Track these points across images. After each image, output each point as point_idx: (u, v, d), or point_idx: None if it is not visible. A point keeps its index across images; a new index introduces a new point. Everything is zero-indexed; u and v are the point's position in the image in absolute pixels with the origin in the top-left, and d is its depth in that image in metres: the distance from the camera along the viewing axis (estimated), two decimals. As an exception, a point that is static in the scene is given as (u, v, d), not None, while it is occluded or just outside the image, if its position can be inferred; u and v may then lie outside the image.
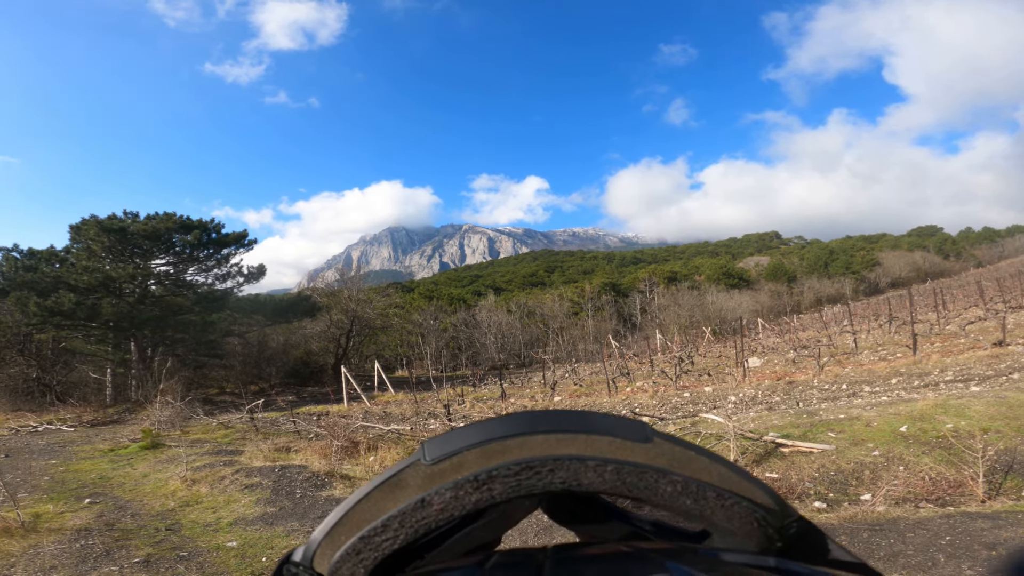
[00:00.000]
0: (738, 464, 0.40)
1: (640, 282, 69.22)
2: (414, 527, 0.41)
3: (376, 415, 14.72)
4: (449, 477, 0.41)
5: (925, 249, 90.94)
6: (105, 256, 24.19)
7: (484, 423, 0.43)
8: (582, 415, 0.43)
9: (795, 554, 0.42)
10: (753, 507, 0.42)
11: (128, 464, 9.79)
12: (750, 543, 0.42)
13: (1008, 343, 12.95)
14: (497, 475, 0.40)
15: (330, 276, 44.24)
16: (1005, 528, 4.02)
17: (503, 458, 0.41)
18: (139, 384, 22.28)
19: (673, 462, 0.41)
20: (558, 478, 0.40)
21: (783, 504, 0.43)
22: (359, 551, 0.42)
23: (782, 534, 0.42)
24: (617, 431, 0.42)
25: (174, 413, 14.99)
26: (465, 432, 0.43)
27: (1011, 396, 7.22)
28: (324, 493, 7.04)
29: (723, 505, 0.41)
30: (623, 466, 0.40)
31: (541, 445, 0.41)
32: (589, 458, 0.40)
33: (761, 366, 17.67)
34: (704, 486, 0.41)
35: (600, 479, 0.40)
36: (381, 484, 0.42)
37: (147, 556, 4.83)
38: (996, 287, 31.41)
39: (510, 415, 0.43)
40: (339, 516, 0.43)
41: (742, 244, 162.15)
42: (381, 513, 0.42)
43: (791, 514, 0.43)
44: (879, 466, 5.93)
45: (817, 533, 0.43)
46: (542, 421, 0.42)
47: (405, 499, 0.41)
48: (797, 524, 0.43)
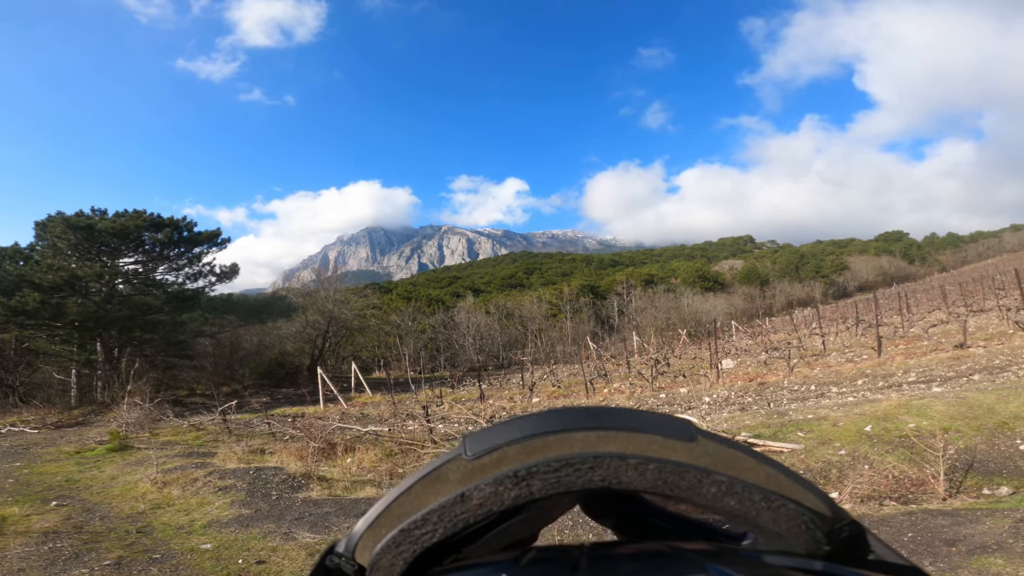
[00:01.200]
0: (788, 466, 0.42)
1: (618, 284, 69.84)
2: (453, 521, 0.41)
3: (353, 416, 14.58)
4: (489, 472, 0.41)
5: (891, 254, 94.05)
6: (71, 254, 23.45)
7: (525, 418, 0.43)
8: (626, 412, 0.43)
9: (843, 557, 0.41)
10: (802, 510, 0.41)
11: (95, 466, 9.53)
12: (796, 545, 0.41)
13: (969, 345, 13.46)
14: (537, 471, 0.40)
15: (306, 276, 43.65)
16: (964, 525, 4.14)
17: (543, 454, 0.41)
18: (106, 385, 21.62)
19: (718, 462, 0.41)
20: (598, 475, 0.40)
21: (835, 507, 0.42)
22: (399, 543, 0.42)
23: (831, 538, 0.41)
24: (660, 429, 0.41)
25: (142, 415, 14.61)
26: (506, 427, 0.43)
27: (971, 397, 7.45)
28: (301, 495, 6.96)
29: (769, 507, 0.40)
30: (665, 465, 0.40)
31: (582, 442, 0.41)
32: (630, 456, 0.40)
33: (734, 368, 18.05)
34: (750, 487, 0.40)
35: (641, 477, 0.40)
36: (423, 478, 0.43)
37: (118, 559, 4.73)
38: (959, 291, 32.57)
39: (552, 410, 0.43)
40: (381, 509, 0.43)
41: (717, 248, 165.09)
42: (421, 507, 0.42)
43: (843, 518, 0.42)
44: (845, 465, 6.13)
45: (868, 536, 0.42)
46: (584, 418, 0.42)
47: (445, 493, 0.41)
48: (849, 528, 0.42)
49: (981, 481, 5.49)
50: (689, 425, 0.42)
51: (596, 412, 0.42)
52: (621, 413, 0.42)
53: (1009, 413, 6.65)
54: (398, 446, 9.85)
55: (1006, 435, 6.24)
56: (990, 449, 6.04)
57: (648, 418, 0.42)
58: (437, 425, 11.67)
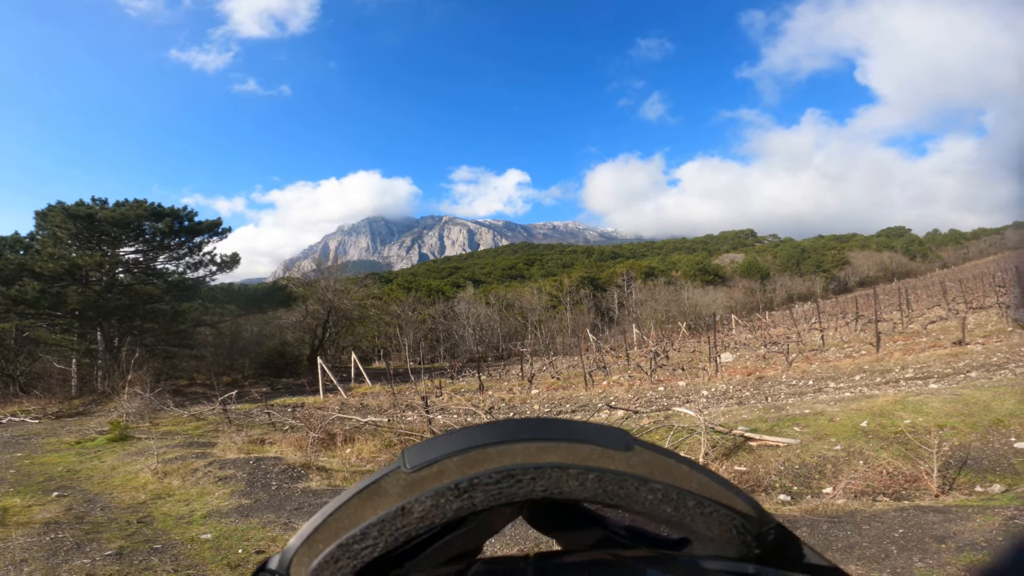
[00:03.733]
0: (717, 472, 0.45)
1: (618, 277, 69.83)
2: (394, 535, 0.41)
3: (353, 407, 14.66)
4: (429, 485, 0.41)
5: (893, 249, 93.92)
6: (71, 243, 23.46)
7: (465, 431, 0.43)
8: (563, 423, 0.43)
9: (773, 560, 0.43)
10: (732, 514, 0.42)
11: (96, 457, 9.58)
12: (729, 550, 0.43)
13: (967, 342, 13.49)
14: (478, 483, 0.40)
15: (306, 266, 43.61)
16: (955, 522, 4.16)
17: (484, 466, 0.41)
18: (106, 375, 21.68)
19: (654, 470, 0.42)
20: (540, 486, 0.41)
21: (761, 511, 0.44)
22: (337, 559, 0.41)
23: (760, 541, 0.43)
24: (598, 439, 0.42)
25: (143, 404, 14.67)
26: (446, 440, 0.43)
27: (967, 394, 7.45)
28: (300, 485, 7.02)
29: (703, 512, 0.42)
30: (604, 474, 0.41)
31: (522, 453, 0.41)
32: (571, 466, 0.41)
33: (733, 362, 18.11)
34: (684, 494, 0.41)
35: (582, 487, 0.41)
36: (360, 491, 0.42)
37: (119, 549, 4.78)
38: (959, 288, 32.51)
39: (491, 423, 0.44)
40: (317, 523, 0.43)
41: (718, 241, 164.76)
42: (360, 520, 0.41)
43: (769, 521, 0.44)
44: (840, 460, 6.17)
45: (793, 540, 0.44)
46: (523, 429, 0.42)
47: (385, 507, 0.41)
48: (775, 531, 0.44)
49: (974, 478, 5.52)
50: (625, 435, 0.43)
51: (536, 423, 0.43)
52: (560, 424, 0.43)
53: (1005, 411, 6.65)
54: (397, 437, 9.91)
55: (1001, 433, 6.26)
56: (984, 446, 6.06)
57: (586, 428, 0.43)
58: (436, 416, 11.73)
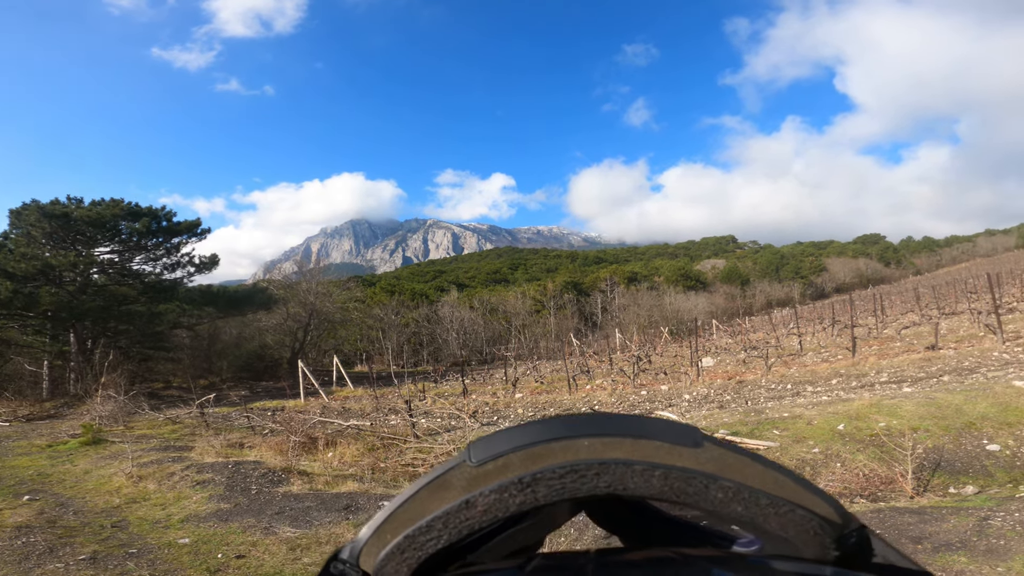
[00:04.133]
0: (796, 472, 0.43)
1: (602, 281, 70.26)
2: (458, 528, 0.41)
3: (335, 410, 14.50)
4: (494, 479, 0.41)
5: (869, 256, 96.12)
6: (46, 243, 22.91)
7: (530, 425, 0.43)
8: (631, 419, 0.42)
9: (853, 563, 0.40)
10: (809, 515, 0.40)
11: (68, 460, 9.34)
12: (805, 551, 0.41)
13: (940, 347, 13.85)
14: (542, 478, 0.40)
15: (288, 268, 43.07)
16: (930, 523, 4.23)
17: (548, 461, 0.40)
18: (79, 377, 21.17)
19: (724, 468, 0.40)
20: (603, 482, 0.40)
21: (844, 512, 0.42)
22: (404, 550, 0.42)
23: (840, 543, 0.41)
24: (666, 435, 0.41)
25: (117, 407, 14.32)
26: (511, 434, 0.42)
27: (940, 397, 7.60)
28: (281, 489, 6.92)
29: (777, 512, 0.40)
30: (671, 471, 0.40)
31: (587, 449, 0.40)
32: (636, 463, 0.40)
33: (714, 366, 18.34)
34: (756, 493, 0.40)
35: (647, 484, 0.40)
36: (427, 484, 0.43)
37: (93, 553, 4.67)
38: (932, 294, 33.35)
39: (557, 417, 0.43)
40: (386, 515, 0.43)
41: (700, 247, 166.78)
42: (426, 513, 0.42)
43: (852, 523, 0.41)
44: (819, 463, 6.29)
45: (879, 542, 0.42)
46: (589, 424, 0.42)
47: (450, 500, 0.41)
48: (858, 533, 0.41)
49: (948, 480, 5.65)
50: (695, 431, 0.42)
51: (602, 418, 0.42)
52: (627, 419, 0.42)
53: (976, 414, 6.82)
54: (380, 440, 9.83)
55: (973, 435, 6.42)
56: (957, 449, 6.21)
57: (654, 424, 0.42)
58: (420, 420, 11.66)
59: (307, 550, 4.75)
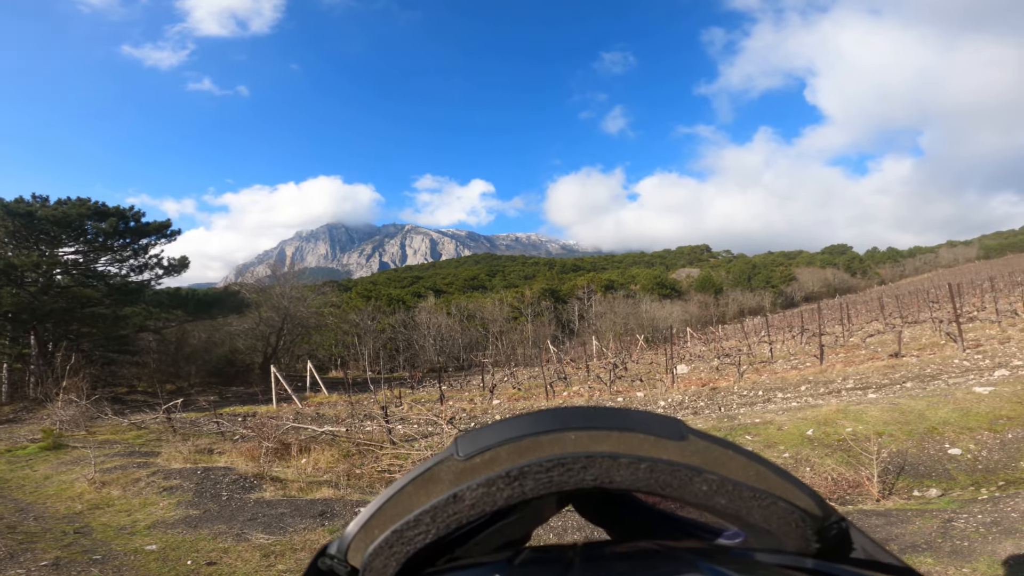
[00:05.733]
0: (778, 464, 0.45)
1: (579, 289, 70.71)
2: (446, 522, 0.41)
3: (308, 416, 14.23)
4: (481, 473, 0.41)
5: (836, 266, 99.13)
6: (8, 242, 22.09)
7: (517, 419, 0.43)
8: (617, 412, 0.43)
9: (834, 555, 0.41)
10: (791, 508, 0.41)
11: (27, 465, 9.00)
12: (787, 544, 0.42)
13: (903, 355, 14.30)
14: (529, 471, 0.40)
15: (261, 271, 42.24)
16: (896, 525, 4.32)
17: (536, 454, 0.41)
18: (39, 381, 20.34)
19: (708, 460, 0.41)
20: (590, 475, 0.40)
21: (825, 505, 0.42)
22: (392, 544, 0.42)
23: (822, 535, 0.41)
24: (651, 428, 0.42)
25: (78, 412, 13.80)
26: (498, 428, 0.43)
27: (903, 403, 7.80)
28: (254, 495, 6.75)
29: (760, 505, 0.41)
30: (656, 464, 0.40)
31: (574, 442, 0.41)
32: (622, 455, 0.40)
33: (688, 373, 18.61)
34: (740, 485, 0.41)
35: (633, 477, 0.40)
36: (415, 479, 0.43)
37: (55, 559, 4.49)
38: (896, 304, 34.49)
39: (544, 411, 0.43)
40: (373, 510, 0.44)
41: (675, 256, 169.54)
42: (414, 508, 0.42)
43: (832, 515, 0.42)
44: (789, 467, 6.38)
45: (859, 534, 0.43)
46: (576, 417, 0.42)
47: (438, 494, 0.42)
48: (839, 525, 0.42)
49: (912, 483, 5.80)
50: (680, 424, 0.42)
51: (588, 412, 0.43)
52: (613, 413, 0.43)
53: (938, 419, 7.02)
54: (356, 447, 9.69)
55: (935, 440, 6.60)
56: (920, 453, 6.38)
57: (639, 417, 0.43)
58: (396, 426, 11.54)
59: (281, 556, 4.64)
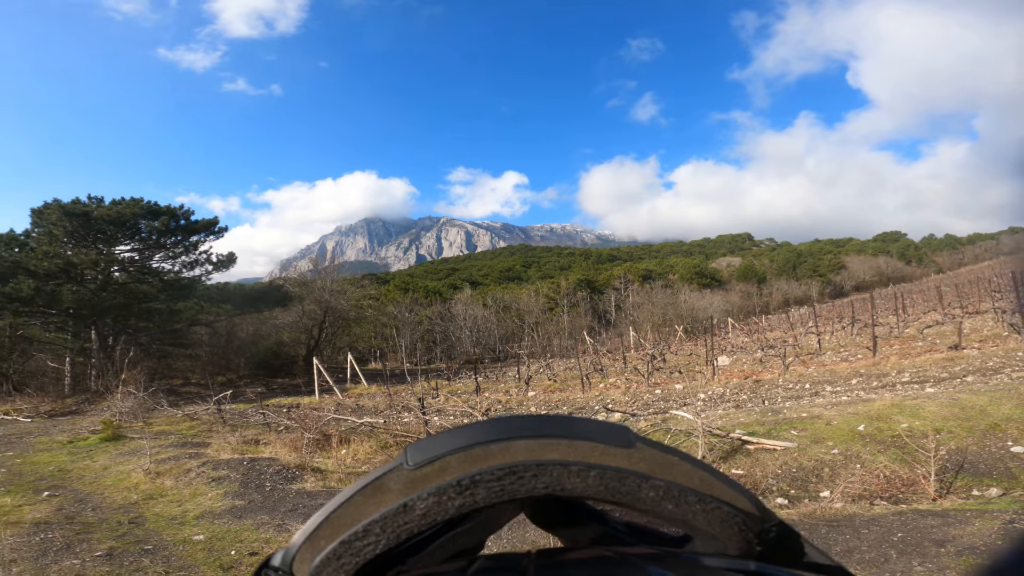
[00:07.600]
0: (719, 469, 0.44)
1: (615, 279, 69.92)
2: (396, 532, 0.41)
3: (349, 408, 14.60)
4: (432, 482, 0.41)
5: (889, 254, 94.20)
6: (67, 241, 23.37)
7: (467, 428, 0.43)
8: (565, 420, 0.43)
9: (774, 558, 0.43)
10: (733, 511, 0.42)
11: (88, 456, 9.51)
12: (731, 547, 0.43)
13: (963, 347, 13.51)
14: (480, 480, 0.40)
15: (303, 266, 43.42)
16: (954, 526, 4.14)
17: (486, 463, 0.41)
18: (99, 374, 21.59)
19: (655, 467, 0.42)
20: (541, 483, 0.41)
21: (763, 508, 0.44)
22: (340, 556, 0.41)
23: (762, 538, 0.43)
24: (600, 436, 0.42)
25: (136, 404, 14.56)
26: (448, 437, 0.43)
27: (964, 398, 7.44)
28: (295, 486, 6.96)
29: (704, 510, 0.42)
30: (606, 471, 0.41)
31: (524, 450, 0.41)
32: (572, 463, 0.41)
33: (730, 365, 18.10)
34: (685, 491, 0.42)
35: (583, 484, 0.41)
36: (363, 488, 0.42)
37: (109, 549, 4.72)
38: (955, 293, 32.59)
39: (494, 419, 0.43)
40: (320, 520, 0.43)
41: (715, 244, 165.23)
42: (363, 518, 0.41)
43: (771, 519, 0.44)
44: (838, 464, 6.16)
45: (795, 537, 0.44)
46: (526, 426, 0.42)
47: (387, 504, 0.41)
48: (777, 528, 0.44)
49: (971, 482, 5.51)
50: (627, 431, 0.43)
51: (537, 420, 0.43)
52: (562, 421, 0.43)
53: (1001, 415, 6.65)
54: (393, 438, 9.85)
55: (997, 437, 6.26)
56: (981, 450, 6.06)
57: (588, 425, 0.43)
58: (433, 418, 11.68)
59: (319, 548, 4.75)
